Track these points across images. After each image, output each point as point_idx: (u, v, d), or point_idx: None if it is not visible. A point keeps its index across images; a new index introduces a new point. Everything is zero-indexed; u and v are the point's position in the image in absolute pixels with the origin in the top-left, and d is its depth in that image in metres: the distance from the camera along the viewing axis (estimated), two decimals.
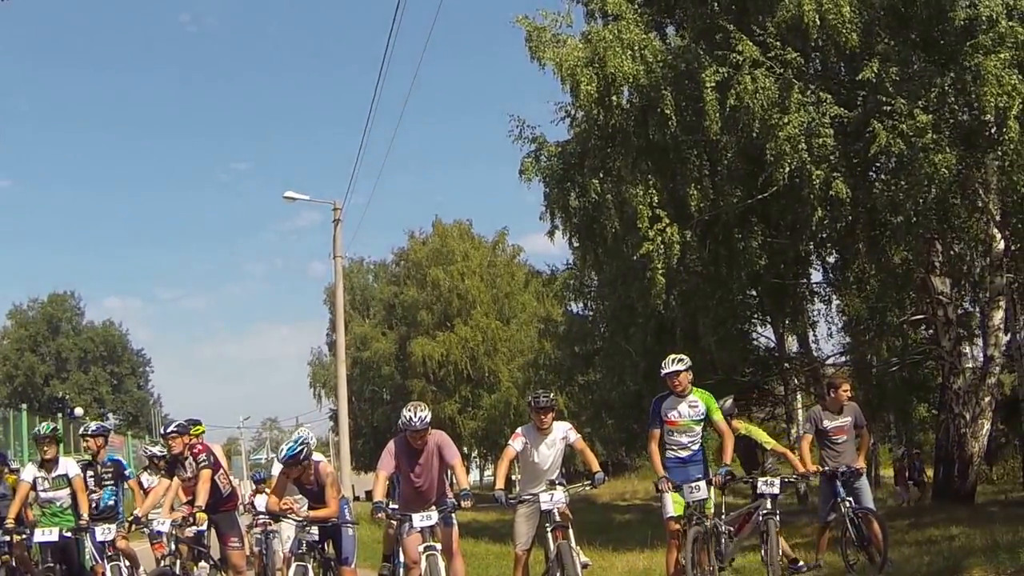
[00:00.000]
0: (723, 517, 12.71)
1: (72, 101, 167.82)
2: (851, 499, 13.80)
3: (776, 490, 12.35)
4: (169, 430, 14.53)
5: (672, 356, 12.85)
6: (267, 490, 17.31)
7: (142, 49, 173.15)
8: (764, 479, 12.31)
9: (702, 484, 11.90)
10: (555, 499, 12.17)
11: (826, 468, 14.14)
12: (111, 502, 15.21)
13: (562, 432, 12.96)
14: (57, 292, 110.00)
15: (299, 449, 12.26)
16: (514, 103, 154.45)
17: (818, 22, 20.28)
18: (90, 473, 14.81)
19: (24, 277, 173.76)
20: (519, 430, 13.33)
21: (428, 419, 11.89)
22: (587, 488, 13.06)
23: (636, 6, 23.85)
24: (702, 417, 12.58)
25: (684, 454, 12.67)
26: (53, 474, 14.30)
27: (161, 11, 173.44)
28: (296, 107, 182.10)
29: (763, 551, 13.05)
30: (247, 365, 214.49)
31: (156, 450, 17.80)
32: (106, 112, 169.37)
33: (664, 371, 12.64)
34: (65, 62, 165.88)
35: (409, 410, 11.94)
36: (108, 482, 15.21)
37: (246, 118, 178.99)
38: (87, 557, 15.67)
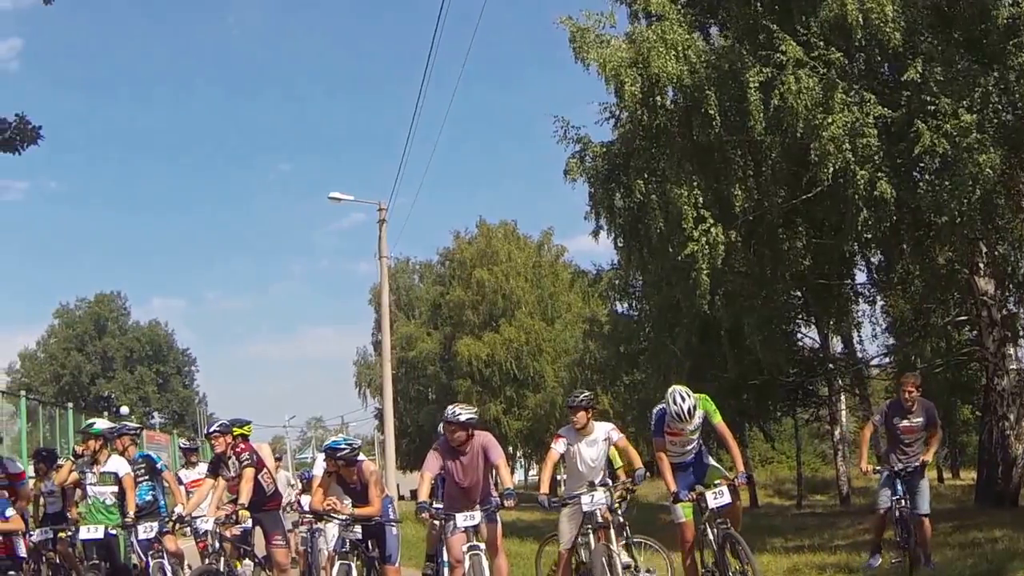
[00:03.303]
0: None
1: (119, 102, 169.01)
2: (908, 499, 13.80)
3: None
4: (211, 430, 14.67)
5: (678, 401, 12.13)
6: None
7: (189, 46, 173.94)
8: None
9: (724, 489, 11.81)
10: (595, 500, 12.23)
11: (883, 468, 14.14)
12: (148, 497, 15.35)
13: (604, 432, 13.02)
14: (104, 292, 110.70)
15: (344, 447, 12.37)
16: (559, 103, 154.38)
17: (861, 21, 20.21)
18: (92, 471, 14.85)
19: (72, 277, 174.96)
20: (560, 432, 13.42)
21: (464, 417, 12.03)
22: (629, 486, 13.10)
23: (679, 6, 23.86)
24: (700, 424, 12.38)
25: (688, 458, 12.62)
26: (101, 469, 14.47)
27: (208, 12, 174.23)
28: (341, 107, 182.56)
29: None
30: (292, 365, 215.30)
31: (184, 443, 17.98)
32: (153, 115, 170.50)
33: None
34: (111, 63, 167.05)
35: (454, 406, 12.08)
36: (142, 479, 15.35)
37: (291, 119, 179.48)
38: (129, 554, 15.86)
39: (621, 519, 12.84)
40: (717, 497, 11.73)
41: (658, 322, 32.46)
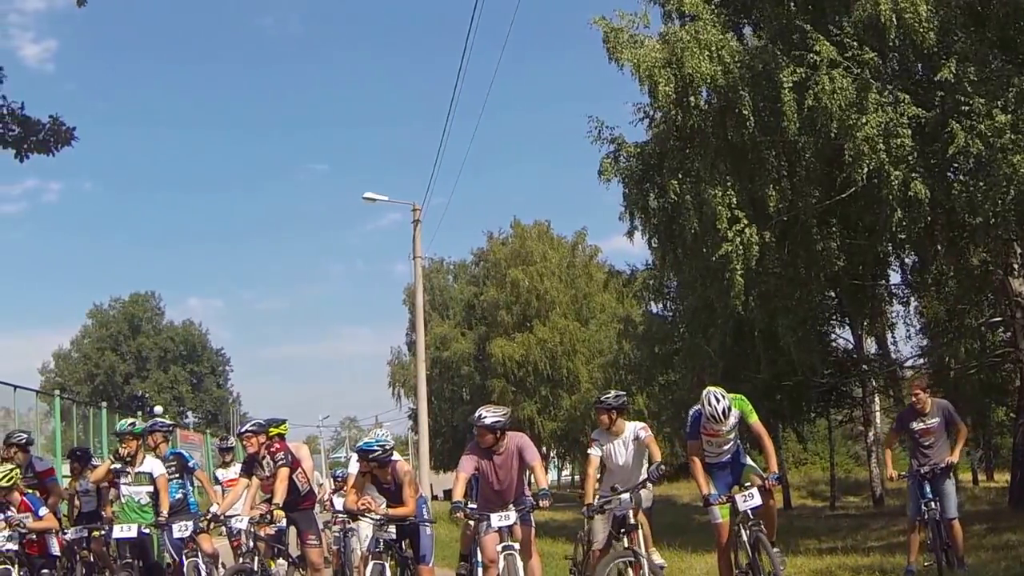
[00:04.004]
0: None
1: (153, 103, 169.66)
2: (937, 503, 13.78)
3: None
4: (243, 429, 14.70)
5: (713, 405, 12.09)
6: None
7: (223, 52, 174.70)
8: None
9: (755, 491, 11.78)
10: (622, 503, 12.25)
11: (909, 472, 14.13)
12: (178, 495, 15.42)
13: (634, 432, 13.02)
14: (138, 292, 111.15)
15: (376, 448, 12.40)
16: (592, 103, 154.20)
17: (895, 21, 20.20)
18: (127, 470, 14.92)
19: (108, 278, 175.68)
20: (593, 435, 13.45)
21: (489, 421, 12.01)
22: (651, 482, 13.06)
23: (713, 6, 23.85)
24: (736, 424, 12.38)
25: (725, 458, 12.62)
26: (137, 469, 14.57)
27: (242, 13, 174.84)
28: (376, 107, 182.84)
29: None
30: (326, 365, 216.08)
31: (219, 442, 18.07)
32: (188, 116, 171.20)
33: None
34: (145, 63, 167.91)
35: (485, 408, 12.10)
36: (173, 476, 15.43)
37: (326, 119, 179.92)
38: (162, 553, 15.96)
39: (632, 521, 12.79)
40: (747, 500, 11.68)
41: (692, 323, 32.39)
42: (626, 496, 12.30)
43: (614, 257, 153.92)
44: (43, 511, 13.67)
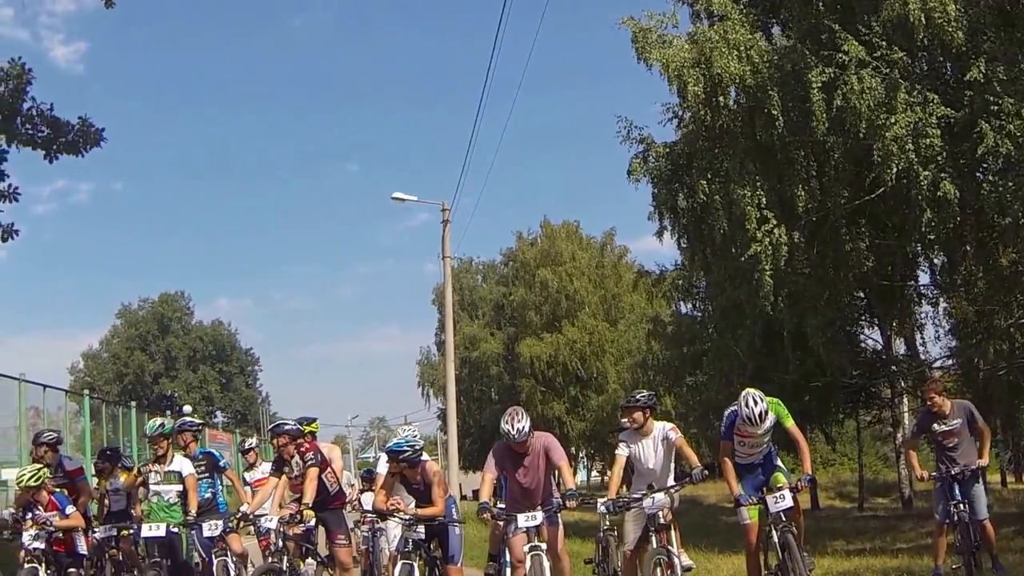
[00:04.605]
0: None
1: (182, 104, 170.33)
2: (965, 504, 13.72)
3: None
4: (274, 429, 14.72)
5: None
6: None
7: (254, 53, 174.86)
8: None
9: (786, 493, 11.75)
10: (655, 502, 12.22)
11: (937, 474, 14.07)
12: (207, 495, 15.48)
13: (662, 432, 12.96)
14: (168, 292, 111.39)
15: (406, 448, 12.40)
16: (622, 103, 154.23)
17: (923, 21, 20.17)
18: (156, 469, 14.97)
19: (137, 278, 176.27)
20: (621, 435, 13.42)
21: (527, 429, 11.95)
22: (688, 483, 13.05)
23: (741, 6, 23.87)
24: (770, 427, 12.33)
25: (757, 459, 12.62)
26: (166, 468, 14.62)
27: (272, 14, 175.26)
28: (406, 108, 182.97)
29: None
30: (356, 365, 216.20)
31: (241, 444, 18.10)
32: (217, 117, 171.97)
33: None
34: (175, 64, 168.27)
35: (507, 422, 11.99)
36: (203, 476, 15.49)
37: (357, 119, 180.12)
38: (191, 552, 16.01)
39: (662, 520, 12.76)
40: (778, 501, 11.66)
41: (721, 323, 32.31)
42: (661, 496, 12.28)
43: (643, 257, 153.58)
44: (70, 509, 13.72)
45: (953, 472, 13.80)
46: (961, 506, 13.68)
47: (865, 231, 24.67)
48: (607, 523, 15.32)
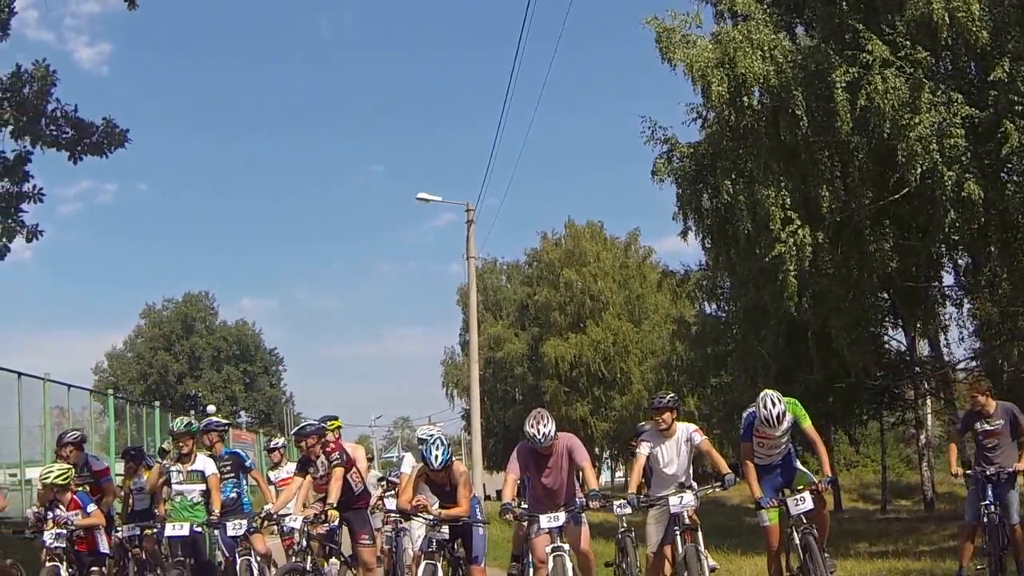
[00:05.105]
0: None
1: (207, 104, 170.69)
2: (997, 506, 13.65)
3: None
4: (298, 431, 14.73)
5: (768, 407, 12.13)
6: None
7: (278, 52, 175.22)
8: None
9: (807, 495, 11.72)
10: (684, 502, 12.15)
11: (973, 471, 14.01)
12: (232, 495, 15.50)
13: (686, 434, 12.87)
14: (192, 292, 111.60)
15: (450, 457, 12.41)
16: (645, 103, 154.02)
17: (947, 20, 20.14)
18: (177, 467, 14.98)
19: (162, 279, 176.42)
20: (643, 435, 13.37)
21: (552, 434, 11.86)
22: (717, 490, 13.01)
23: (765, 6, 23.86)
24: (789, 428, 12.31)
25: (776, 460, 12.60)
26: (189, 468, 14.64)
27: (296, 13, 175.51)
28: (431, 108, 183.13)
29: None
30: (380, 365, 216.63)
31: (267, 443, 18.11)
32: (242, 118, 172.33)
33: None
34: (199, 65, 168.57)
35: (532, 426, 11.90)
36: (228, 475, 15.52)
37: (381, 120, 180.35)
38: (214, 551, 16.04)
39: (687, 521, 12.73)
40: (799, 504, 11.64)
41: (745, 323, 32.25)
42: (690, 496, 12.24)
43: (667, 257, 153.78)
44: (91, 508, 13.75)
45: (988, 473, 13.73)
46: (992, 508, 13.60)
47: (889, 232, 24.60)
48: (624, 524, 15.28)
